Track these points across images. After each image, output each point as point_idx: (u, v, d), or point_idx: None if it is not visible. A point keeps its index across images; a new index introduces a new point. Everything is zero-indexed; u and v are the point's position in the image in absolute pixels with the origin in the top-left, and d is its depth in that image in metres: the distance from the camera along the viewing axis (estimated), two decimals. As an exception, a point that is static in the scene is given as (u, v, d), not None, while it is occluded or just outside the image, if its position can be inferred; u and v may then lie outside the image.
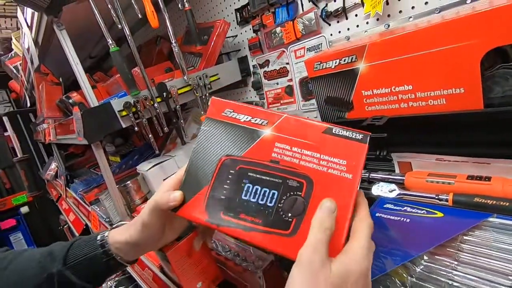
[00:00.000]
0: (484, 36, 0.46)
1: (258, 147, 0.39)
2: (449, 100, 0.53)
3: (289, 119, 0.39)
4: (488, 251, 0.38)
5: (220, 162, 0.39)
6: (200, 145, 0.41)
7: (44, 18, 0.76)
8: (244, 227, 0.36)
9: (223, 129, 0.40)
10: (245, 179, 0.38)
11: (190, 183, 0.40)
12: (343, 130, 0.37)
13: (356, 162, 0.35)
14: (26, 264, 0.43)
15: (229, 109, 0.41)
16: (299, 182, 0.36)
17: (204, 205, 0.38)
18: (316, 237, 0.31)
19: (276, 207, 0.36)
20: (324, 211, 0.32)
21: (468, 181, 0.49)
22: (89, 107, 0.81)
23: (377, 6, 0.70)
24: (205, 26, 1.07)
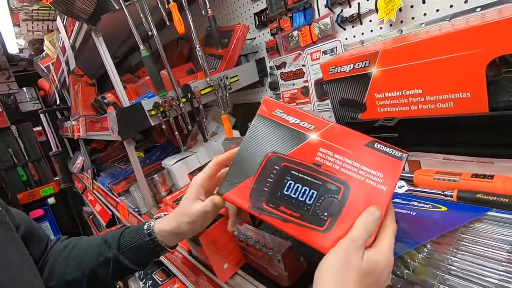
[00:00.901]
0: (489, 45, 0.50)
1: (303, 149, 0.41)
2: (457, 103, 0.57)
3: (335, 127, 0.41)
4: (485, 240, 0.42)
5: (266, 157, 0.42)
6: (249, 138, 0.43)
7: (84, 27, 0.84)
8: (283, 218, 0.39)
9: (272, 127, 0.43)
10: (288, 176, 0.40)
11: (237, 171, 0.43)
12: (384, 146, 0.39)
13: (392, 176, 0.38)
14: (85, 250, 0.51)
15: (279, 110, 0.44)
16: (338, 186, 0.39)
17: (248, 193, 0.41)
18: (357, 233, 0.35)
19: (314, 205, 0.39)
20: (371, 216, 0.36)
21: (472, 179, 0.53)
22: (121, 106, 0.89)
23: (391, 13, 0.74)
24: (226, 30, 1.14)
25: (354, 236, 0.35)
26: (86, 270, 0.49)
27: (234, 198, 0.42)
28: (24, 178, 3.06)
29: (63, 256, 0.52)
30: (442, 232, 0.45)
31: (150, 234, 0.50)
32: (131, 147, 0.90)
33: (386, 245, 0.36)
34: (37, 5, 1.59)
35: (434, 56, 0.57)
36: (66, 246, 0.54)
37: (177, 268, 0.69)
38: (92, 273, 0.49)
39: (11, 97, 3.01)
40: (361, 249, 0.34)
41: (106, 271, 0.49)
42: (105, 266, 0.49)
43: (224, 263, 0.57)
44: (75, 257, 0.51)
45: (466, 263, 0.41)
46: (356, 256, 0.34)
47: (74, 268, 0.50)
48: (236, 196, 0.42)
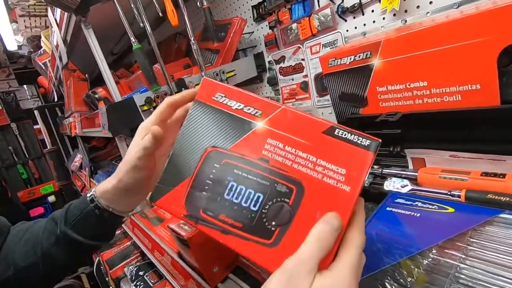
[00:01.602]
0: (501, 32, 0.46)
1: (248, 140, 0.34)
2: (465, 96, 0.53)
3: (287, 111, 0.34)
4: (496, 245, 0.38)
5: (205, 153, 0.35)
6: (185, 132, 0.36)
7: (73, 18, 0.81)
8: (222, 229, 0.32)
9: (211, 115, 0.36)
10: (229, 176, 0.34)
11: (172, 172, 0.36)
12: (348, 132, 0.31)
13: (357, 172, 0.30)
14: (36, 233, 0.46)
15: (220, 93, 0.36)
16: (289, 187, 0.32)
17: (184, 198, 0.34)
18: (308, 252, 0.28)
19: (260, 212, 0.32)
20: (327, 227, 0.28)
21: (482, 178, 0.49)
22: (113, 102, 0.86)
23: (394, 2, 0.69)
24: (222, 23, 1.10)
25: (302, 256, 0.27)
26: (39, 253, 0.44)
27: (168, 205, 0.35)
28: (25, 176, 3.05)
29: (15, 242, 0.47)
30: (449, 235, 0.41)
31: (93, 200, 0.43)
32: (123, 143, 0.87)
33: (346, 266, 0.28)
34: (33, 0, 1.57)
35: (440, 45, 0.53)
36: (19, 231, 0.49)
37: (167, 270, 0.66)
38: (46, 254, 0.44)
39: (11, 95, 3.00)
40: (310, 274, 0.27)
41: (59, 250, 0.44)
42: (57, 244, 0.44)
43: (214, 267, 0.53)
44: (27, 241, 0.46)
45: (476, 271, 0.37)
46: (304, 283, 0.26)
47: (27, 253, 0.45)
48: (171, 202, 0.35)
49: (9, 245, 0.47)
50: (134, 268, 1.05)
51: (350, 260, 0.28)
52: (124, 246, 1.25)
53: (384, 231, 0.48)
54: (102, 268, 1.20)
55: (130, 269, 1.06)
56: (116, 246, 1.27)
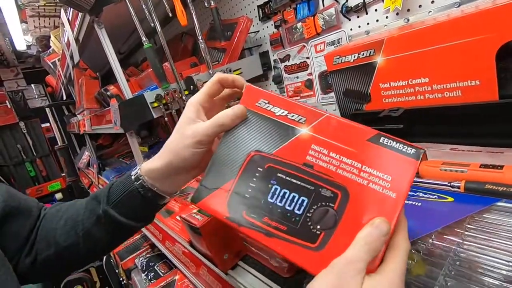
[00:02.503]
0: (500, 30, 0.48)
1: (291, 146, 0.35)
2: (465, 92, 0.55)
3: (331, 119, 0.34)
4: (493, 231, 0.41)
5: (248, 156, 0.36)
6: (229, 135, 0.37)
7: (87, 18, 0.84)
8: (267, 232, 0.32)
9: (255, 121, 0.37)
10: (273, 180, 0.34)
11: (214, 174, 0.36)
12: (393, 141, 0.32)
13: (403, 179, 0.30)
14: (77, 212, 0.46)
15: (264, 100, 0.37)
16: (334, 192, 0.32)
17: (226, 200, 0.35)
18: (356, 252, 0.28)
19: (305, 216, 0.32)
20: (375, 231, 0.28)
21: (481, 169, 0.51)
22: (124, 99, 0.89)
23: (397, 1, 0.72)
24: (229, 23, 1.13)
25: (351, 257, 0.28)
26: (80, 232, 0.44)
27: (210, 207, 0.35)
28: (32, 174, 3.11)
29: (56, 221, 0.47)
30: (449, 222, 0.44)
31: (138, 179, 0.41)
32: (133, 139, 0.90)
33: (393, 271, 0.28)
34: (43, 0, 1.60)
35: (441, 42, 0.55)
36: (58, 211, 0.49)
37: (178, 259, 0.69)
38: (87, 234, 0.44)
39: (20, 94, 3.06)
40: (360, 274, 0.27)
41: (100, 230, 0.44)
42: (98, 224, 0.43)
43: (224, 254, 0.56)
44: (67, 220, 0.46)
45: (473, 254, 0.39)
46: (354, 284, 0.26)
47: (68, 233, 0.45)
48: (213, 204, 0.35)
49: (49, 224, 0.48)
50: (145, 260, 1.09)
51: (397, 265, 0.28)
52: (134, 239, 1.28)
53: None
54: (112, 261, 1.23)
55: (141, 260, 1.09)
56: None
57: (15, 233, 0.45)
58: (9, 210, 0.45)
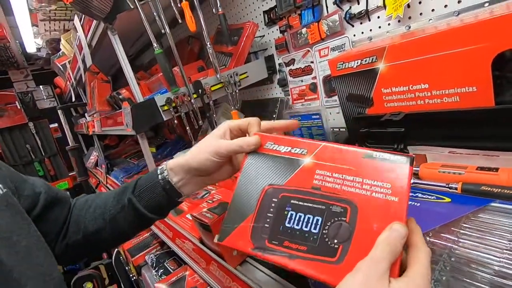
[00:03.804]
0: (494, 40, 0.50)
1: (299, 175, 0.39)
2: (462, 97, 0.58)
3: (327, 147, 0.39)
4: (487, 230, 0.43)
5: (263, 191, 0.40)
6: (244, 177, 0.42)
7: (101, 25, 0.88)
8: (289, 255, 0.35)
9: (265, 160, 0.42)
10: (287, 207, 0.38)
11: (235, 213, 0.40)
12: (384, 153, 0.36)
13: (401, 184, 0.34)
14: (105, 200, 0.52)
15: (270, 142, 0.43)
16: (343, 207, 0.35)
17: (249, 233, 0.38)
18: (379, 253, 0.29)
19: (321, 233, 0.35)
20: (394, 233, 0.30)
21: (477, 172, 0.54)
22: (135, 102, 0.93)
23: (399, 9, 0.75)
24: (235, 28, 1.16)
25: (376, 257, 0.29)
26: (107, 218, 0.49)
27: (235, 242, 0.38)
28: (41, 173, 3.17)
29: (85, 209, 0.53)
30: (446, 221, 0.47)
31: (162, 171, 0.48)
32: (144, 141, 0.94)
33: (419, 273, 0.28)
34: (54, 5, 1.65)
35: (440, 50, 0.58)
36: (87, 201, 0.55)
37: (188, 255, 0.72)
38: (113, 220, 0.49)
39: (29, 95, 3.13)
40: (386, 274, 0.28)
41: (124, 218, 0.49)
42: (122, 212, 0.49)
43: (233, 251, 0.59)
44: (96, 208, 0.52)
45: (468, 251, 0.42)
46: (381, 283, 0.27)
47: (96, 219, 0.50)
48: (237, 239, 0.38)
49: (79, 212, 0.53)
50: (155, 257, 1.13)
51: (423, 269, 0.29)
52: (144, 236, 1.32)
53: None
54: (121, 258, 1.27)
55: (151, 257, 1.13)
56: (136, 237, 1.35)
57: (55, 219, 0.51)
58: (50, 200, 0.51)
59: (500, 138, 0.54)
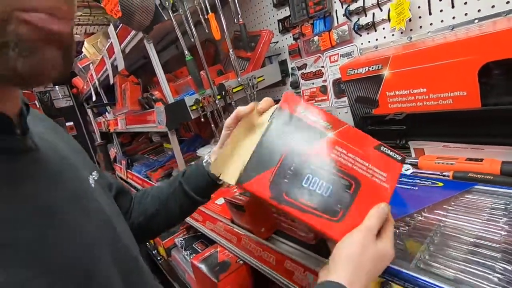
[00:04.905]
0: (481, 53, 0.61)
1: (320, 145, 0.44)
2: (455, 100, 0.69)
3: (350, 129, 0.46)
4: (470, 206, 0.55)
5: (286, 149, 0.44)
6: (270, 130, 0.45)
7: (139, 35, 0.99)
8: (301, 209, 0.42)
9: (293, 122, 0.46)
10: (306, 170, 0.43)
11: (257, 162, 0.43)
12: (388, 149, 0.45)
13: (393, 176, 0.44)
14: (160, 190, 0.63)
15: (301, 107, 0.47)
16: (350, 182, 0.43)
17: (269, 183, 0.42)
18: (373, 224, 0.40)
19: (329, 198, 0.42)
20: (382, 211, 0.42)
21: (466, 162, 0.66)
22: (167, 102, 1.05)
23: (401, 23, 0.86)
24: (253, 34, 1.27)
25: (371, 226, 0.40)
26: (162, 202, 0.60)
27: (254, 188, 0.43)
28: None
29: (145, 197, 0.64)
30: (438, 200, 0.58)
31: (205, 160, 0.59)
32: (174, 137, 1.06)
33: (391, 237, 0.42)
34: (81, 12, 1.78)
35: (436, 61, 0.69)
36: (144, 193, 0.66)
37: (219, 235, 0.84)
38: (166, 202, 0.59)
39: (47, 94, 3.26)
40: (374, 238, 0.40)
41: (175, 200, 0.59)
42: (174, 195, 0.59)
43: (261, 228, 0.71)
44: (153, 195, 0.63)
45: (454, 222, 0.53)
46: (372, 243, 0.39)
47: (153, 204, 0.61)
48: (257, 186, 0.43)
49: (139, 200, 0.65)
50: (183, 240, 1.25)
51: (391, 234, 0.43)
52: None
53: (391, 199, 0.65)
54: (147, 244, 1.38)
55: (180, 240, 1.25)
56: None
57: (123, 205, 0.61)
58: (119, 190, 0.62)
59: (485, 134, 0.65)
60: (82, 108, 3.27)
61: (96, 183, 0.45)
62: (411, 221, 0.57)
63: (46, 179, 0.34)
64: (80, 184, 0.40)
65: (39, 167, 0.34)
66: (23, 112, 0.34)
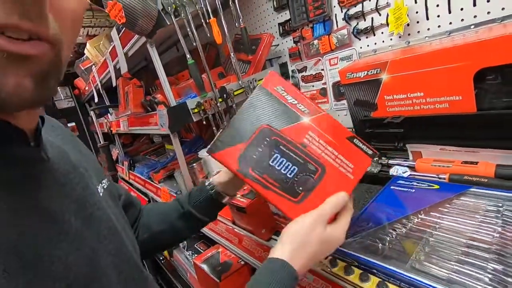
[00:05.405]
0: (476, 59, 0.63)
1: (294, 128, 0.46)
2: (451, 104, 0.71)
3: (326, 117, 0.47)
4: (464, 208, 0.57)
5: (260, 127, 0.46)
6: (248, 106, 0.47)
7: (142, 39, 1.01)
8: (264, 185, 0.44)
9: (271, 101, 0.47)
10: (276, 149, 0.45)
11: (230, 135, 0.46)
12: (361, 143, 0.46)
13: (360, 169, 0.45)
14: (166, 209, 0.66)
15: (281, 87, 0.47)
16: (316, 168, 0.45)
17: (237, 157, 0.45)
18: (326, 209, 0.44)
19: (293, 179, 0.45)
20: (340, 199, 0.45)
21: (461, 165, 0.67)
22: (169, 105, 1.07)
23: (399, 27, 0.87)
24: (254, 38, 1.29)
25: (323, 211, 0.44)
26: (168, 223, 0.64)
27: (224, 158, 0.45)
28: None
29: (152, 214, 0.67)
30: (434, 202, 0.60)
31: (212, 188, 0.62)
32: (176, 139, 1.07)
33: (343, 224, 0.45)
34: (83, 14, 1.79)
35: (433, 66, 0.70)
36: (153, 207, 0.70)
37: (221, 236, 0.86)
38: (173, 224, 0.64)
39: (49, 95, 3.27)
40: (325, 222, 0.43)
41: (182, 223, 0.63)
42: (182, 219, 0.63)
43: (262, 229, 0.73)
44: (159, 214, 0.66)
45: (449, 223, 0.55)
46: (321, 226, 0.43)
47: (160, 222, 0.65)
48: (227, 157, 0.45)
49: (147, 214, 0.67)
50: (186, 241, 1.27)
51: (345, 220, 0.46)
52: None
53: (388, 201, 0.66)
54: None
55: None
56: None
57: (130, 218, 0.62)
58: (128, 201, 0.64)
59: (480, 138, 0.67)
60: (83, 109, 3.29)
61: (105, 192, 0.46)
62: (408, 222, 0.58)
63: (54, 188, 0.35)
64: (87, 193, 0.41)
65: (49, 176, 0.35)
66: (39, 125, 0.36)
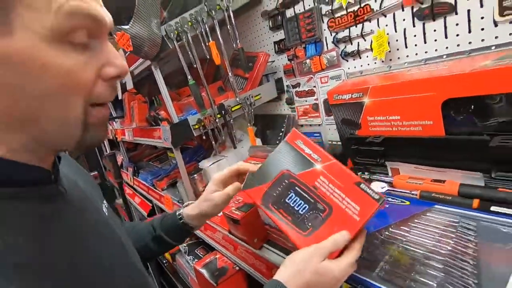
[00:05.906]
0: (443, 90, 0.71)
1: (308, 173, 0.55)
2: (423, 128, 0.79)
3: (336, 164, 0.54)
4: (428, 223, 0.65)
5: (281, 172, 0.56)
6: (274, 156, 0.59)
7: (147, 62, 1.10)
8: (279, 218, 0.53)
9: (292, 151, 0.58)
10: (291, 190, 0.54)
11: (259, 176, 0.58)
12: (368, 188, 0.50)
13: (366, 212, 0.49)
14: (140, 231, 0.73)
15: (300, 141, 0.58)
16: (324, 207, 0.51)
17: (262, 194, 0.56)
18: (326, 244, 0.48)
19: (304, 215, 0.52)
20: (341, 237, 0.48)
21: (431, 183, 0.75)
22: (171, 121, 1.16)
23: (382, 54, 0.96)
24: (251, 55, 1.38)
25: (323, 245, 0.48)
26: (142, 244, 0.71)
27: (251, 194, 0.58)
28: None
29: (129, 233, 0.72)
30: (404, 217, 0.68)
31: (181, 219, 0.71)
32: (178, 152, 1.16)
33: (345, 262, 0.47)
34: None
35: (407, 94, 0.79)
36: (129, 226, 0.78)
37: (218, 243, 0.95)
38: (146, 246, 0.71)
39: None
40: (323, 255, 0.47)
41: (155, 245, 0.71)
42: (154, 242, 0.71)
43: (254, 238, 0.81)
44: (135, 234, 0.73)
45: (414, 237, 0.63)
46: (318, 258, 0.47)
47: (135, 242, 0.65)
48: (253, 194, 0.57)
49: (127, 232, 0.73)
50: (186, 246, 1.36)
51: (348, 260, 0.48)
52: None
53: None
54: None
55: (183, 246, 1.36)
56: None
57: None
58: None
59: (448, 159, 0.75)
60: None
61: (108, 211, 0.53)
62: (379, 235, 0.67)
63: (73, 215, 0.40)
64: (98, 214, 0.47)
65: (68, 206, 0.40)
66: (56, 163, 0.41)
